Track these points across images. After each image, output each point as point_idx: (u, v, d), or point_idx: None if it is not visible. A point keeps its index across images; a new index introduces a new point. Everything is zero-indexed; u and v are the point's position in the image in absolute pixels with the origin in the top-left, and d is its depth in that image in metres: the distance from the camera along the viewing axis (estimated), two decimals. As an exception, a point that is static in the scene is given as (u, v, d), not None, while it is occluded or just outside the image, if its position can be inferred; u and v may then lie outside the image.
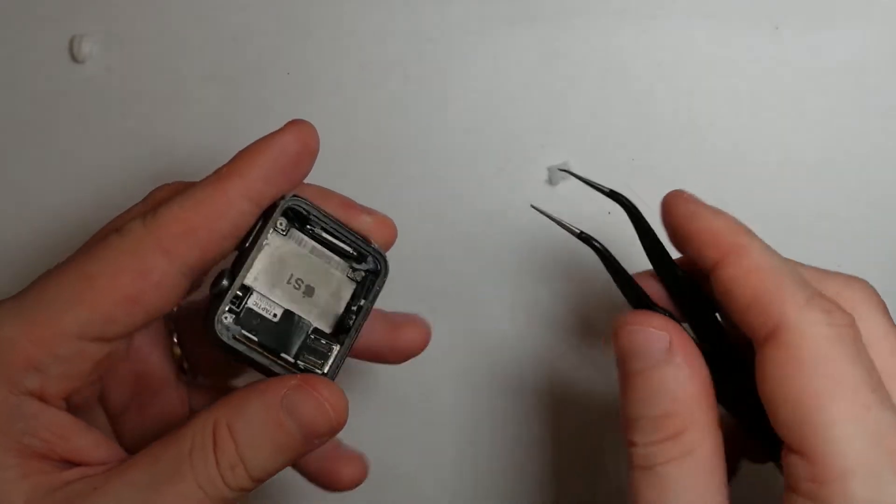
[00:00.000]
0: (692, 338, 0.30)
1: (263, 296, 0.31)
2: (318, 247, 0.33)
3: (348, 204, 0.35)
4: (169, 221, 0.29)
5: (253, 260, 0.31)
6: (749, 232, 0.29)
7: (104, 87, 0.47)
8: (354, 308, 0.33)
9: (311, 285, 0.32)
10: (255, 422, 0.29)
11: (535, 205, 0.34)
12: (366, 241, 0.33)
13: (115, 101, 0.47)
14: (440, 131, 0.46)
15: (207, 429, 0.29)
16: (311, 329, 0.32)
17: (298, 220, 0.32)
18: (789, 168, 0.45)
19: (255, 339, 0.31)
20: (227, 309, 0.30)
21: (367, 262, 0.33)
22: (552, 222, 0.33)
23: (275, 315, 0.31)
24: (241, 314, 0.31)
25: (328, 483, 0.38)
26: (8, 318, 0.28)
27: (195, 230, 0.29)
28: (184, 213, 0.29)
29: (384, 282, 0.33)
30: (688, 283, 0.32)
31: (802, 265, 0.30)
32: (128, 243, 0.29)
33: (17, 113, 0.47)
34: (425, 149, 0.46)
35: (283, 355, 0.31)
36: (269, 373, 0.31)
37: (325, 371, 0.32)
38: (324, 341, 0.32)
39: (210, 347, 0.31)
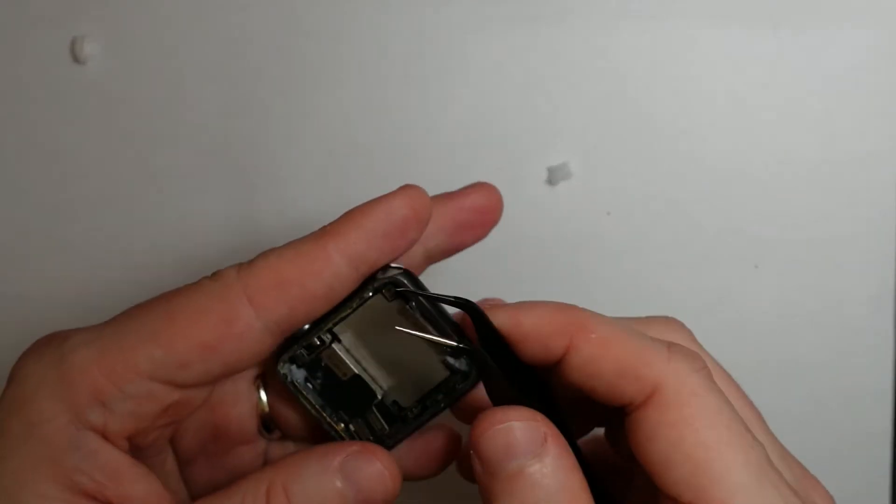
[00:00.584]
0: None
1: (340, 353, 0.30)
2: (421, 320, 0.30)
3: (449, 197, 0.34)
4: (262, 271, 0.28)
5: (344, 314, 0.30)
6: (579, 308, 0.28)
7: (105, 87, 0.47)
8: (429, 402, 0.31)
9: (397, 359, 0.31)
10: (311, 484, 0.28)
11: (400, 328, 0.30)
12: (467, 339, 0.30)
13: (116, 101, 0.47)
14: (440, 131, 0.46)
15: (261, 487, 0.28)
16: (377, 402, 0.31)
17: (403, 296, 0.30)
18: (789, 168, 0.45)
19: (312, 390, 0.30)
20: (297, 352, 0.30)
21: (460, 361, 0.30)
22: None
23: (345, 374, 0.30)
24: (309, 363, 0.30)
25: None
26: (84, 344, 0.27)
27: (287, 284, 0.28)
28: (279, 264, 0.28)
29: (470, 387, 0.31)
30: (535, 378, 0.30)
31: (623, 319, 0.29)
32: (216, 288, 0.28)
33: (17, 113, 0.47)
34: (425, 149, 0.46)
35: (333, 416, 0.30)
36: (323, 431, 0.31)
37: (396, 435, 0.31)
38: (383, 419, 0.31)
39: (293, 404, 0.31)
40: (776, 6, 0.45)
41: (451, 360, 0.30)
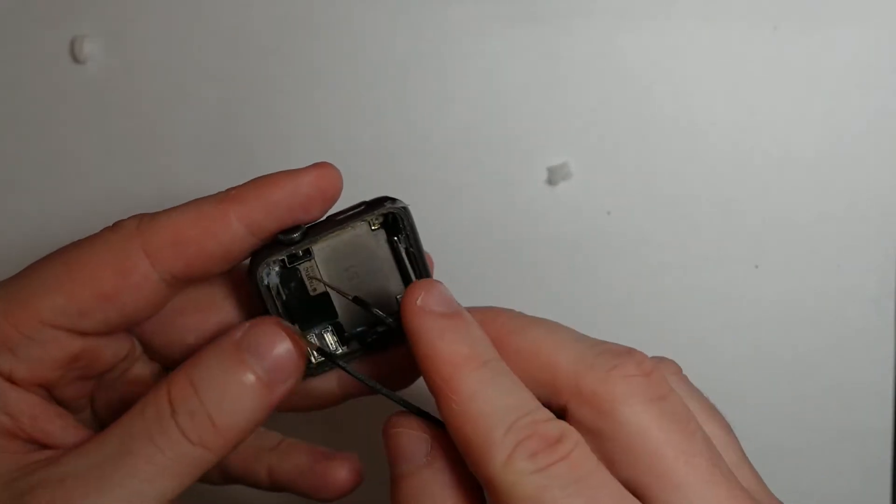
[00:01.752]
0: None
1: (318, 270, 0.31)
2: (391, 259, 0.32)
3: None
4: (162, 228, 0.29)
5: (333, 235, 0.30)
6: (470, 357, 0.26)
7: (105, 87, 0.47)
8: (360, 339, 0.32)
9: (364, 287, 0.32)
10: (214, 365, 0.27)
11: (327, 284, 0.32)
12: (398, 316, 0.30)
13: (116, 101, 0.47)
14: (440, 131, 0.46)
15: (163, 385, 0.27)
16: (334, 321, 0.32)
17: (393, 227, 0.31)
18: (789, 168, 0.45)
19: (283, 298, 0.31)
20: (279, 259, 0.30)
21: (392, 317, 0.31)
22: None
23: (314, 290, 0.31)
24: (286, 271, 0.31)
25: (316, 489, 0.35)
26: None
27: (185, 242, 0.28)
28: (179, 222, 0.29)
29: (384, 346, 0.32)
30: None
31: (571, 345, 0.28)
32: (116, 240, 0.29)
33: (18, 113, 0.47)
34: (425, 149, 0.46)
35: (294, 325, 0.31)
36: None
37: (313, 361, 0.31)
38: (336, 339, 0.32)
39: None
40: (776, 6, 0.45)
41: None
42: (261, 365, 0.27)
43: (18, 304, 0.28)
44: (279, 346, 0.28)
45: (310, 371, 0.31)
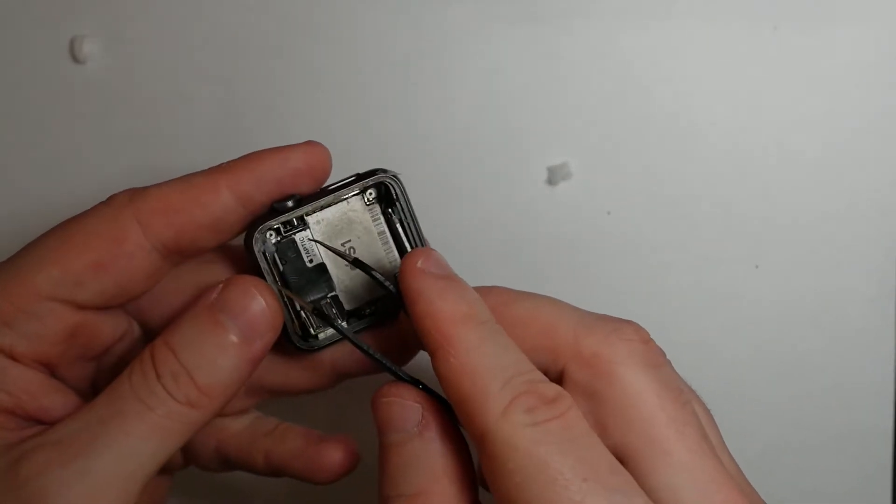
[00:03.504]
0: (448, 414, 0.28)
1: (313, 239, 0.31)
2: (387, 233, 0.32)
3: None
4: (152, 197, 0.29)
5: (326, 204, 0.31)
6: (469, 315, 0.27)
7: (105, 87, 0.47)
8: (360, 314, 0.32)
9: (361, 261, 0.31)
10: (190, 329, 0.28)
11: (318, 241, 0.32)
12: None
13: (116, 101, 0.47)
14: (440, 132, 0.46)
15: (146, 351, 0.28)
16: (332, 294, 0.32)
17: (386, 200, 0.32)
18: (789, 168, 0.45)
19: (280, 268, 0.31)
20: (275, 226, 0.30)
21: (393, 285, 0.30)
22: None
23: (311, 261, 0.31)
24: (283, 240, 0.31)
25: (312, 471, 0.35)
26: None
27: (175, 210, 0.29)
28: (169, 192, 0.29)
29: (387, 318, 0.32)
30: None
31: (569, 312, 0.28)
32: (109, 211, 0.29)
33: (17, 113, 0.47)
34: (425, 149, 0.46)
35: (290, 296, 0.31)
36: None
37: (317, 335, 0.31)
38: (335, 311, 0.32)
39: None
40: (776, 6, 0.45)
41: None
42: (234, 323, 0.28)
43: (15, 279, 0.28)
44: (252, 302, 0.28)
45: (310, 345, 0.31)
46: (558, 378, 0.27)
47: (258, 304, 0.28)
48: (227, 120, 0.47)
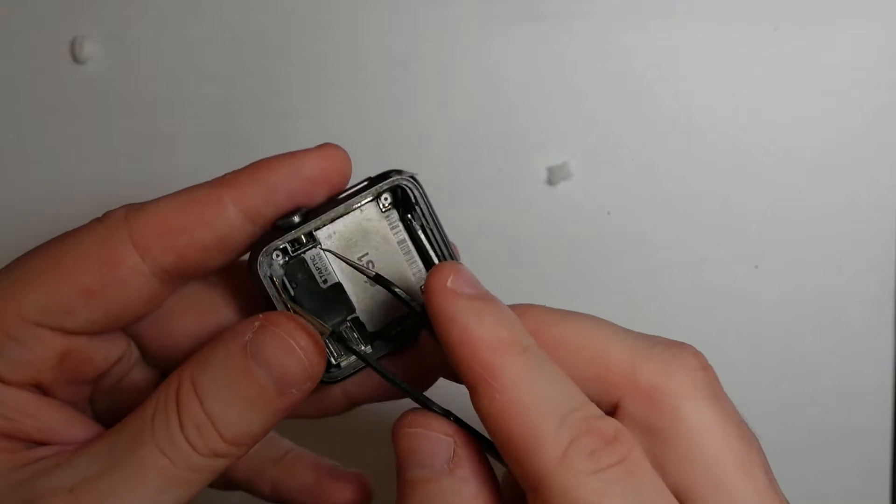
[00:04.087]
0: (482, 450, 0.25)
1: (325, 257, 0.28)
2: (408, 242, 0.29)
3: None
4: (150, 216, 0.26)
5: (337, 216, 0.27)
6: (511, 342, 0.23)
7: (105, 87, 0.47)
8: (384, 337, 0.29)
9: (382, 277, 0.28)
10: (219, 374, 0.25)
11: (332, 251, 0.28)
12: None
13: (116, 101, 0.47)
14: (440, 131, 0.46)
15: (171, 388, 0.25)
16: (351, 317, 0.28)
17: (404, 204, 0.28)
18: (789, 168, 0.45)
19: (291, 293, 0.27)
20: (280, 246, 0.27)
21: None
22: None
23: (325, 281, 0.28)
24: (291, 260, 0.27)
25: None
26: None
27: (175, 231, 0.26)
28: (169, 210, 0.26)
29: (415, 336, 0.28)
30: None
31: (622, 336, 0.25)
32: (103, 230, 0.26)
33: (18, 113, 0.47)
34: (425, 149, 0.46)
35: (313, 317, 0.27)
36: None
37: (334, 363, 0.28)
38: (356, 336, 0.28)
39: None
40: (776, 6, 0.45)
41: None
42: (270, 375, 0.25)
43: (1, 301, 0.26)
44: (290, 354, 0.25)
45: (332, 376, 0.28)
46: (611, 411, 0.24)
47: (296, 358, 0.25)
48: (227, 120, 0.47)
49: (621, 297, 0.46)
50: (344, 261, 0.27)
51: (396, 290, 0.26)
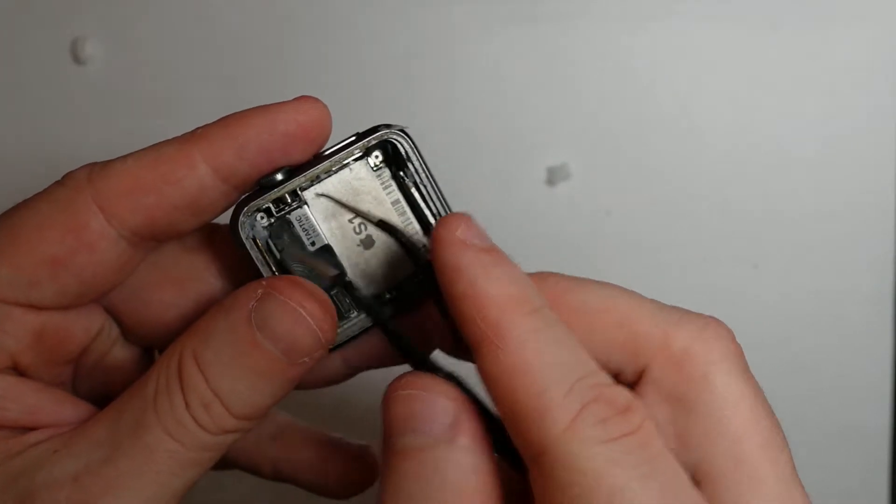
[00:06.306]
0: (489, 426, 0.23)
1: (312, 217, 0.26)
2: (402, 202, 0.27)
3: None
4: (115, 176, 0.24)
5: (322, 171, 0.25)
6: (521, 300, 0.22)
7: (106, 87, 0.47)
8: (389, 296, 0.27)
9: (374, 238, 0.26)
10: (224, 348, 0.23)
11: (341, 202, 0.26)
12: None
13: (117, 101, 0.47)
14: (440, 131, 0.46)
15: (172, 365, 0.24)
16: (344, 280, 0.26)
17: (395, 161, 0.26)
18: (789, 168, 0.45)
19: (277, 256, 0.26)
20: (263, 206, 0.25)
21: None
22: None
23: (312, 244, 0.26)
24: (276, 222, 0.26)
25: (325, 488, 0.31)
26: None
27: (142, 190, 0.24)
28: (136, 168, 0.24)
29: (422, 296, 0.26)
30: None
31: (649, 302, 0.24)
32: (64, 194, 0.24)
33: (19, 113, 0.47)
34: (425, 149, 0.46)
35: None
36: None
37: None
38: (348, 300, 0.26)
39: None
40: (776, 6, 0.45)
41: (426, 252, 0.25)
42: (278, 347, 0.23)
43: None
44: (299, 322, 0.23)
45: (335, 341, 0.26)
46: (635, 380, 0.23)
47: (306, 326, 0.23)
48: (228, 120, 0.47)
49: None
50: (343, 206, 0.26)
51: (404, 237, 0.25)
